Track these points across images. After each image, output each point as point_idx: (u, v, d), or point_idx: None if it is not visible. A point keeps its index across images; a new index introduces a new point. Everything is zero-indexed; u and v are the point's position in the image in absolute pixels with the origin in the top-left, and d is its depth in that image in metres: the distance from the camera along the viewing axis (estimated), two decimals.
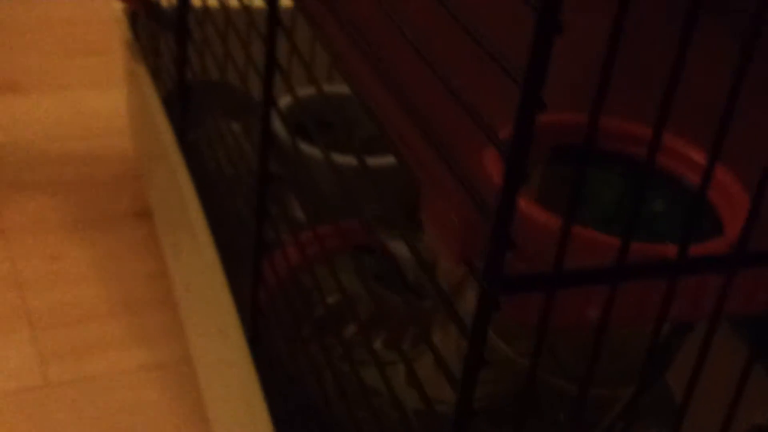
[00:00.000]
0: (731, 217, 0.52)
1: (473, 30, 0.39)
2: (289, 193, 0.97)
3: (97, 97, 1.45)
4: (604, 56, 0.33)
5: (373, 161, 1.04)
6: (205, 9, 0.95)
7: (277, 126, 1.10)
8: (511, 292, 0.38)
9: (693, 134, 0.53)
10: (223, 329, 0.83)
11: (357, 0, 0.62)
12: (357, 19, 0.61)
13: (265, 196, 0.74)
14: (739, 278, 0.43)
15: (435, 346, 0.47)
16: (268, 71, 0.66)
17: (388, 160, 1.10)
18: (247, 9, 0.79)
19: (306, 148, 0.99)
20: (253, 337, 0.80)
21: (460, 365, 0.44)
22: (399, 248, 1.09)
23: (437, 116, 0.50)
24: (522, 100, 0.33)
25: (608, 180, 0.57)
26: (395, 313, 0.74)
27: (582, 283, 0.39)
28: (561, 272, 0.38)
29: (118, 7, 1.19)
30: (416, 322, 0.68)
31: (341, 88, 1.15)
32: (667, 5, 0.63)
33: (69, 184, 1.27)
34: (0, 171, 1.27)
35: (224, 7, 0.87)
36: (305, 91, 1.03)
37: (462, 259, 0.41)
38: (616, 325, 0.43)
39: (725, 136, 0.37)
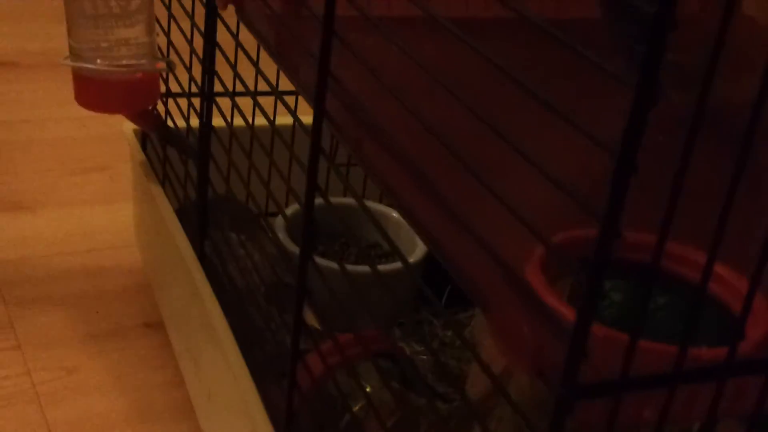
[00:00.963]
0: (751, 319, 0.58)
1: (537, 161, 0.44)
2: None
3: (99, 213, 1.50)
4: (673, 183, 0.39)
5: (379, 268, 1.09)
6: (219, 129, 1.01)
7: (283, 237, 1.15)
8: (584, 398, 0.43)
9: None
10: None
11: (383, 106, 0.64)
12: (386, 125, 0.65)
13: (302, 308, 0.78)
14: None
15: None
16: (309, 200, 0.71)
17: (391, 266, 1.16)
18: (276, 130, 0.85)
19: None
20: None
21: None
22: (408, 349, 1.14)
23: (476, 217, 0.54)
24: (601, 235, 0.39)
25: (616, 286, 0.63)
26: (435, 419, 0.78)
27: (646, 387, 0.45)
28: (628, 379, 0.44)
29: (129, 127, 1.24)
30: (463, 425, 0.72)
31: (341, 198, 1.21)
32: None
33: (78, 297, 1.30)
34: (11, 287, 1.30)
35: (249, 127, 0.93)
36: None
37: (535, 371, 0.46)
38: (667, 425, 0.48)
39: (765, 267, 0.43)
